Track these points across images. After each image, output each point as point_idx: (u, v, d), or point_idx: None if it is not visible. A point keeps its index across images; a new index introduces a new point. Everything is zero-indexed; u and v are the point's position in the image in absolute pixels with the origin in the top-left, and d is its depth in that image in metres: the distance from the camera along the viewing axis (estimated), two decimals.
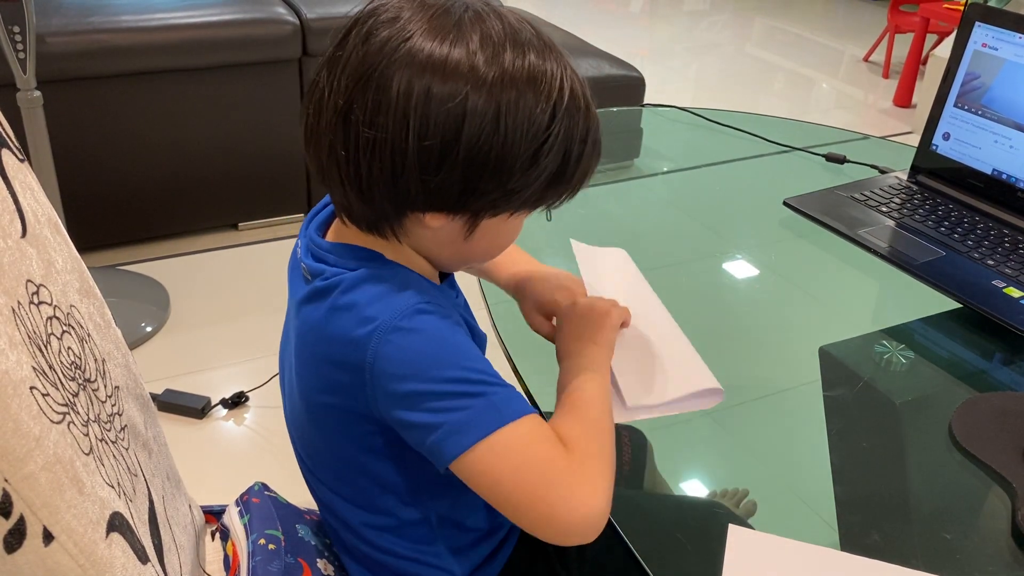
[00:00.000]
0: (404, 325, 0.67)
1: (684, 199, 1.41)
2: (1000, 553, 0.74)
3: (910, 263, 1.13)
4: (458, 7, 0.67)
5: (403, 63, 0.63)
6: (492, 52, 0.64)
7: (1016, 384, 0.96)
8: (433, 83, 0.63)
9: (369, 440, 0.74)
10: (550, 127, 0.66)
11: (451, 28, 0.65)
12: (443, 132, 0.63)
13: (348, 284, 0.70)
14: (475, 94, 0.63)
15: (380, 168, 0.65)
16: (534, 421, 0.67)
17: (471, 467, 0.66)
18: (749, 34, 5.43)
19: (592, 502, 0.64)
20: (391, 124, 0.64)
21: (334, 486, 0.81)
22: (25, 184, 0.64)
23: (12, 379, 0.51)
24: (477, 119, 0.63)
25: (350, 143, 0.65)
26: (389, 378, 0.67)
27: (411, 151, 0.64)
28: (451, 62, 0.63)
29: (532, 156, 0.66)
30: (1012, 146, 1.23)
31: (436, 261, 0.76)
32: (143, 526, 0.67)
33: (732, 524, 0.74)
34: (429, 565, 0.82)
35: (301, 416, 0.79)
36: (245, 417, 1.86)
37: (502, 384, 0.68)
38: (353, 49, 0.66)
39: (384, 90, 0.63)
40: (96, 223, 2.35)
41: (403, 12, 0.66)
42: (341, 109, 0.65)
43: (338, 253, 0.73)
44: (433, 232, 0.71)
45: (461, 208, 0.68)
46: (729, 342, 1.02)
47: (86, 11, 2.19)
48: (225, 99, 2.38)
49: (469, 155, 0.64)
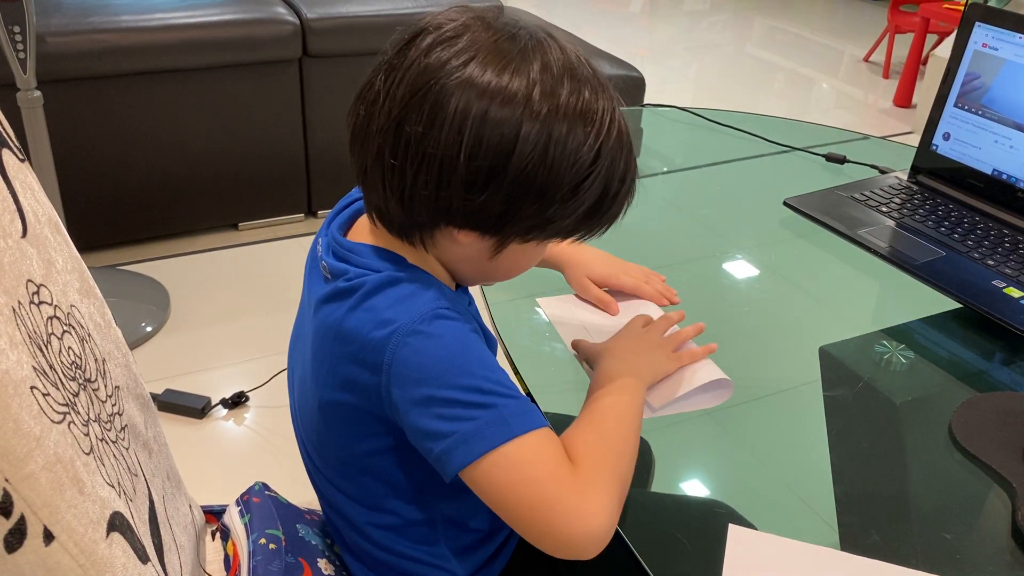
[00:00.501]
0: (423, 329, 0.67)
1: (684, 199, 1.41)
2: (1000, 553, 0.74)
3: (910, 263, 1.13)
4: (523, 35, 0.68)
5: (464, 83, 0.65)
6: (550, 84, 0.66)
7: (1016, 384, 0.96)
8: (491, 107, 0.65)
9: (379, 440, 0.75)
10: (595, 163, 0.68)
11: (514, 55, 0.66)
12: (494, 155, 0.65)
13: (371, 286, 0.70)
14: (529, 123, 0.65)
15: (426, 180, 0.67)
16: (543, 436, 0.67)
17: (476, 478, 0.66)
18: (749, 34, 5.43)
19: (593, 521, 0.65)
20: (444, 140, 0.65)
21: (340, 484, 0.81)
22: (25, 184, 0.64)
23: (13, 379, 0.51)
24: (528, 147, 0.65)
25: (399, 151, 0.67)
26: (404, 381, 0.67)
27: (460, 168, 0.65)
28: (510, 89, 0.65)
29: (573, 189, 0.68)
30: (1012, 146, 1.23)
31: (456, 273, 0.78)
32: (143, 526, 0.67)
33: (732, 524, 0.75)
34: (431, 565, 0.82)
35: (312, 412, 0.79)
36: (245, 417, 1.86)
37: (515, 396, 0.68)
38: (414, 60, 0.67)
39: (441, 106, 0.65)
40: (96, 223, 2.36)
41: (469, 31, 0.67)
42: (395, 117, 0.66)
43: (361, 254, 0.74)
44: (461, 247, 0.72)
45: (495, 230, 0.70)
46: (729, 342, 1.02)
47: (86, 11, 2.19)
48: (225, 99, 2.38)
49: (515, 180, 0.66)
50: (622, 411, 0.76)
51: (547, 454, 0.67)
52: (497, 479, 0.65)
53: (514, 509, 0.66)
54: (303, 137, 2.53)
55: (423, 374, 0.67)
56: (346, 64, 2.48)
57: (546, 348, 0.96)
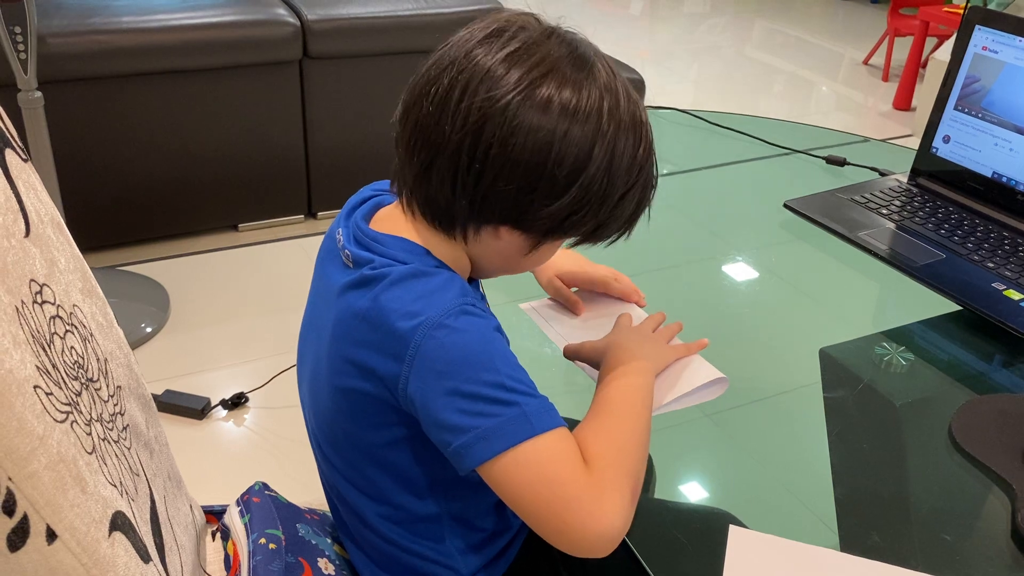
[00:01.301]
0: (449, 323, 0.68)
1: (684, 201, 1.42)
2: (1000, 554, 0.74)
3: (910, 265, 1.14)
4: (583, 49, 0.72)
5: (545, 102, 0.68)
6: (611, 98, 0.71)
7: (1016, 386, 0.96)
8: (571, 126, 0.68)
9: (393, 432, 0.75)
10: (643, 168, 0.74)
11: (584, 72, 0.70)
12: (570, 167, 0.69)
13: (396, 276, 0.71)
14: (600, 138, 0.70)
15: (506, 184, 0.69)
16: (561, 435, 0.68)
17: (494, 474, 0.67)
18: (749, 36, 5.43)
19: (606, 522, 0.65)
20: (530, 148, 0.68)
21: (349, 475, 0.82)
22: (28, 184, 0.64)
23: (16, 378, 0.51)
24: (599, 159, 0.70)
25: (479, 154, 0.68)
26: (427, 373, 0.68)
27: (545, 176, 0.69)
28: (585, 107, 0.69)
29: (621, 196, 0.74)
30: (1012, 149, 1.23)
31: (484, 267, 0.79)
32: (145, 525, 0.67)
33: (733, 525, 0.75)
34: (436, 562, 0.83)
35: (325, 402, 0.79)
36: (245, 418, 1.86)
37: (536, 395, 0.69)
38: (488, 68, 0.69)
39: (523, 120, 0.68)
40: (96, 224, 2.36)
41: (540, 45, 0.70)
42: (476, 122, 0.68)
43: (386, 244, 0.75)
44: (501, 243, 0.74)
45: (547, 232, 0.73)
46: (729, 344, 1.02)
47: (87, 12, 2.19)
48: (226, 100, 2.38)
49: (585, 188, 0.70)
50: (634, 399, 0.77)
51: (565, 454, 0.67)
52: (516, 476, 0.66)
53: (531, 506, 0.67)
54: (303, 138, 2.53)
55: (448, 367, 0.67)
56: (346, 66, 2.48)
57: (546, 349, 0.96)
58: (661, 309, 0.95)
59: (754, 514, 0.78)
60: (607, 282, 1.01)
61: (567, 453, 0.68)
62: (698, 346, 0.91)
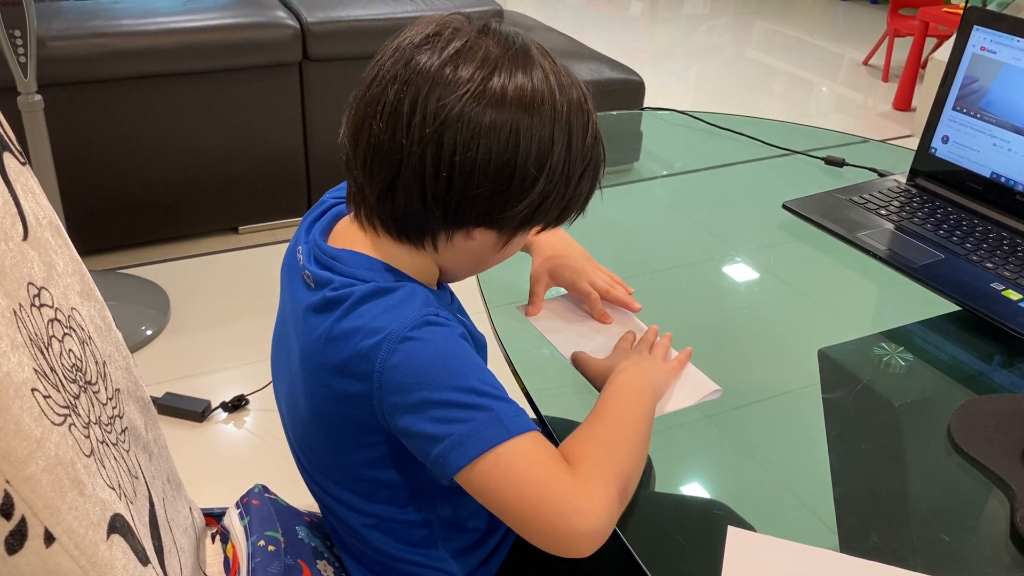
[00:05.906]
0: (414, 335, 0.68)
1: (684, 202, 1.42)
2: (999, 555, 0.74)
3: (909, 266, 1.14)
4: (519, 42, 0.71)
5: (497, 98, 0.67)
6: (556, 84, 0.70)
7: (1015, 387, 0.96)
8: (524, 117, 0.68)
9: (375, 449, 0.75)
10: (594, 147, 0.74)
11: (527, 65, 0.69)
12: (537, 155, 0.69)
13: (358, 297, 0.70)
14: (558, 124, 0.70)
15: (477, 187, 0.68)
16: (537, 437, 0.68)
17: (474, 479, 0.66)
18: (749, 37, 5.43)
19: (590, 520, 0.65)
20: (495, 150, 0.67)
21: (335, 492, 0.81)
22: (27, 187, 0.64)
23: (14, 381, 0.51)
24: (560, 145, 0.70)
25: (443, 163, 0.67)
26: (397, 386, 0.67)
27: (516, 173, 0.69)
28: (536, 97, 0.68)
29: (580, 176, 0.73)
30: (1011, 149, 1.23)
31: (452, 271, 0.78)
32: (144, 528, 0.67)
33: (731, 526, 0.75)
34: (429, 567, 0.83)
35: (304, 421, 0.79)
36: (245, 420, 1.86)
37: (507, 399, 0.68)
38: (433, 74, 0.67)
39: (479, 122, 0.67)
40: (96, 227, 2.36)
41: (478, 44, 0.69)
42: (434, 131, 0.67)
43: (346, 261, 0.73)
44: (473, 244, 0.74)
45: (519, 225, 0.73)
46: (728, 345, 1.02)
47: (87, 15, 2.20)
48: (225, 103, 2.38)
49: (549, 178, 0.70)
50: (626, 410, 0.77)
51: (544, 454, 0.67)
52: (495, 479, 0.66)
53: (513, 509, 0.66)
54: (303, 140, 2.53)
55: (417, 378, 0.67)
56: (346, 68, 2.48)
57: (545, 351, 0.96)
58: (660, 310, 0.96)
59: (753, 514, 0.78)
60: (592, 302, 1.00)
61: (546, 453, 0.67)
62: (687, 356, 0.92)
